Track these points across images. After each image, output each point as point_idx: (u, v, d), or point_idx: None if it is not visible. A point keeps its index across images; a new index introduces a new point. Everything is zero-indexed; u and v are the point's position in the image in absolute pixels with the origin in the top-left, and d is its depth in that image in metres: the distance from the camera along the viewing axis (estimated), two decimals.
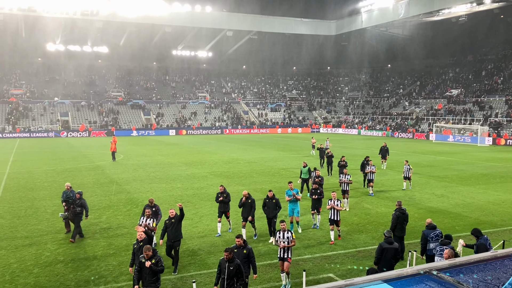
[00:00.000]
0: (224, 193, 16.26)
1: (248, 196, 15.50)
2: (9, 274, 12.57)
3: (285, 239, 11.62)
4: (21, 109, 76.29)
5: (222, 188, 16.53)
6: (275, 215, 15.33)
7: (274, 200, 15.29)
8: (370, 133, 78.55)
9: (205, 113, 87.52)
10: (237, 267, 9.52)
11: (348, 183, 20.43)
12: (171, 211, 13.05)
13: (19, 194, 23.55)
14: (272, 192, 15.44)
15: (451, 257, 9.37)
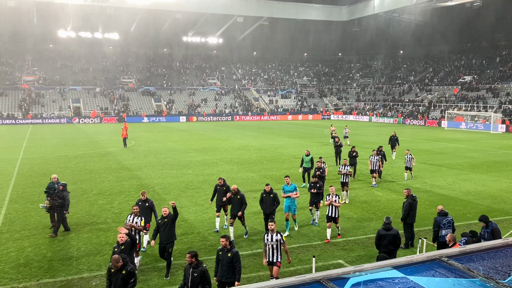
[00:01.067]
0: (224, 186, 15.17)
1: (237, 192, 14.28)
2: (24, 257, 12.81)
3: (274, 242, 10.41)
4: (33, 95, 76.90)
5: (222, 180, 15.39)
6: (273, 211, 14.14)
7: (272, 194, 14.15)
8: (381, 120, 78.01)
9: (216, 100, 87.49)
10: (201, 273, 8.61)
11: (348, 175, 19.33)
12: (164, 210, 11.88)
13: (32, 180, 23.87)
14: (270, 186, 14.31)
15: (451, 242, 9.51)
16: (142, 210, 12.97)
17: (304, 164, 22.19)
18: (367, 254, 13.05)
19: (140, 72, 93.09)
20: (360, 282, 4.23)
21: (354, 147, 25.25)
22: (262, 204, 14.36)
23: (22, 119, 70.00)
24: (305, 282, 4.17)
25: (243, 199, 14.24)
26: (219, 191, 15.14)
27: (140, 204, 13.14)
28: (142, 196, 13.64)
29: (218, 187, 15.30)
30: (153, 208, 13.52)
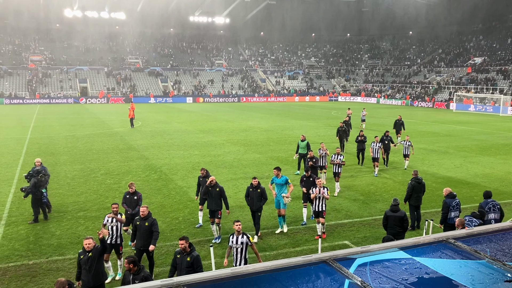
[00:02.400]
0: (207, 178, 13.64)
1: (215, 184, 12.80)
2: (33, 235, 13.00)
3: (239, 245, 9.43)
4: (40, 75, 76.99)
5: (204, 171, 14.04)
6: (260, 207, 12.83)
7: (259, 189, 12.75)
8: (389, 102, 77.44)
9: (223, 81, 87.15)
10: (144, 280, 7.85)
11: (341, 165, 17.86)
12: (142, 210, 10.40)
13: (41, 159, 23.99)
14: (257, 180, 12.92)
15: (460, 226, 9.52)
16: (130, 204, 12.23)
17: (300, 150, 20.58)
18: (373, 235, 13.10)
19: (146, 52, 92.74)
20: (367, 262, 4.25)
21: (361, 131, 23.81)
22: (247, 199, 12.94)
23: (30, 99, 70.23)
24: (312, 262, 4.19)
25: (223, 192, 12.72)
26: (202, 183, 13.69)
27: (128, 198, 12.25)
28: (130, 189, 12.40)
29: (200, 178, 13.98)
30: (139, 202, 12.35)
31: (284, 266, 4.09)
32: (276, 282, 3.84)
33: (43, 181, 14.23)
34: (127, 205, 12.29)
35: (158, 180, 19.56)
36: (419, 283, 3.89)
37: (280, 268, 4.06)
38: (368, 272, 4.08)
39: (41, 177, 14.21)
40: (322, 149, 18.72)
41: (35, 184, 13.99)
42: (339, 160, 17.81)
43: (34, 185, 13.97)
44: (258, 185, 12.82)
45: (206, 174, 13.87)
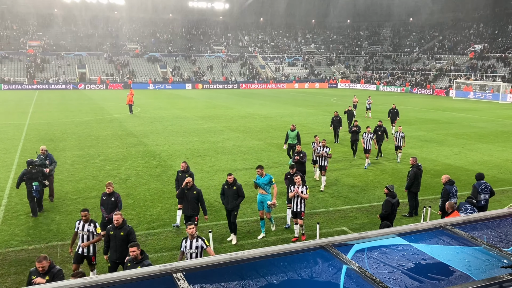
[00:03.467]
0: (187, 173, 12.70)
1: (193, 186, 11.44)
2: (33, 221, 13.05)
3: (193, 250, 8.66)
4: (39, 61, 76.55)
5: (185, 165, 12.96)
6: (236, 206, 11.72)
7: (235, 187, 11.66)
8: (389, 89, 77.26)
9: (222, 67, 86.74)
10: None
11: (327, 158, 16.68)
12: (116, 218, 8.99)
13: (40, 145, 23.87)
14: (233, 177, 11.75)
15: (450, 209, 9.69)
16: (107, 206, 10.86)
17: (289, 140, 19.58)
18: (371, 221, 13.18)
19: (145, 38, 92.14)
20: (364, 248, 4.27)
21: (356, 121, 22.74)
22: (222, 197, 11.94)
23: (28, 85, 69.93)
24: (310, 248, 4.22)
25: (201, 196, 11.43)
26: (181, 179, 12.38)
27: (104, 199, 10.89)
28: (107, 189, 10.94)
29: (179, 173, 12.83)
30: (119, 204, 10.95)
31: (282, 252, 4.11)
32: (274, 268, 3.86)
33: (33, 173, 13.28)
34: (104, 208, 10.91)
35: (157, 167, 19.60)
36: (416, 268, 3.92)
37: (278, 254, 4.09)
38: (366, 258, 4.10)
39: (31, 169, 13.31)
40: (316, 142, 17.46)
41: (21, 176, 13.33)
42: (325, 152, 16.61)
43: (20, 177, 13.35)
44: (234, 182, 11.69)
45: (186, 169, 12.79)
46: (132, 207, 14.30)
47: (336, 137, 25.69)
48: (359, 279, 3.69)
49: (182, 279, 3.53)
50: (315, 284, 3.66)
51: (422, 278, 3.76)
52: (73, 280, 3.47)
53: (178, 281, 3.50)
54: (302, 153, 15.71)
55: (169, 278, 3.57)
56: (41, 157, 14.40)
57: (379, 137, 21.14)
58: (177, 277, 3.55)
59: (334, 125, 25.62)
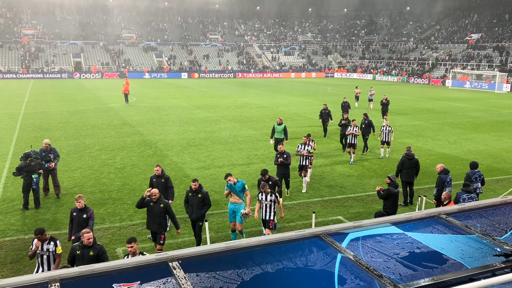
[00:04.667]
0: (162, 178, 11.50)
1: (159, 199, 9.91)
2: (29, 210, 13.04)
3: None
4: (33, 49, 75.92)
5: (159, 169, 11.60)
6: (201, 216, 10.48)
7: (200, 194, 10.46)
8: (385, 78, 77.21)
9: (218, 56, 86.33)
10: None
11: (308, 157, 15.11)
12: (87, 236, 7.82)
13: (35, 134, 23.97)
14: (198, 183, 10.52)
15: (447, 200, 9.76)
16: (77, 225, 9.36)
17: (276, 135, 18.53)
18: (366, 211, 13.25)
19: (141, 27, 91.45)
20: (359, 237, 4.30)
21: (345, 113, 21.50)
22: (186, 206, 10.69)
23: (23, 74, 69.42)
24: (305, 236, 4.24)
25: (169, 209, 9.98)
26: (157, 185, 11.28)
27: (75, 215, 9.50)
28: (77, 203, 9.51)
29: (154, 179, 11.55)
30: (90, 222, 9.53)
31: (277, 241, 4.14)
32: (269, 256, 3.89)
33: (32, 165, 13.15)
34: (73, 226, 9.45)
35: (153, 156, 19.59)
36: (410, 257, 3.96)
37: (274, 242, 4.11)
38: (360, 246, 4.13)
39: (30, 161, 13.16)
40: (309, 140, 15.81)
41: (21, 168, 13.13)
42: (306, 151, 15.05)
43: (20, 169, 13.13)
44: (198, 189, 10.46)
45: (161, 174, 11.54)
46: (128, 196, 14.31)
47: (325, 132, 24.29)
48: (354, 267, 3.73)
49: (178, 267, 3.55)
50: (310, 273, 3.69)
51: (416, 267, 3.79)
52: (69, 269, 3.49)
53: (174, 270, 3.52)
54: (286, 154, 13.98)
55: (165, 267, 3.59)
56: (36, 152, 13.93)
57: (364, 130, 20.17)
58: (173, 266, 3.57)
59: (323, 118, 24.05)
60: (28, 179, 13.09)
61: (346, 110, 27.06)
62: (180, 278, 3.41)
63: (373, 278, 3.54)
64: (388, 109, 28.44)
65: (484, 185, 12.73)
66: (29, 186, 13.14)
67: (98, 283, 3.37)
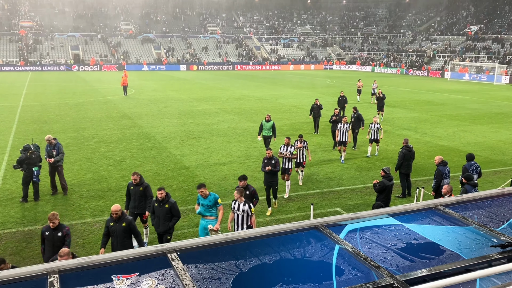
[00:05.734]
0: (141, 186, 10.34)
1: (122, 217, 8.54)
2: (28, 203, 13.06)
3: None
4: (31, 41, 75.55)
5: (137, 177, 10.41)
6: (169, 228, 9.54)
7: (168, 204, 9.41)
8: (384, 71, 77.07)
9: (217, 48, 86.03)
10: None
11: (291, 159, 13.96)
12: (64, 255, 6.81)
13: (34, 127, 23.94)
14: (164, 192, 9.43)
15: (449, 193, 9.78)
16: (51, 245, 8.25)
17: (264, 132, 17.71)
18: (364, 202, 13.29)
19: (139, 18, 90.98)
20: (357, 228, 4.32)
21: (336, 109, 20.53)
22: (152, 217, 9.68)
23: (21, 66, 69.15)
24: (303, 228, 4.26)
25: (134, 230, 8.64)
26: (134, 194, 10.34)
27: (47, 235, 8.26)
28: (51, 223, 8.22)
29: (131, 187, 10.42)
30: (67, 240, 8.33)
31: (275, 232, 4.15)
32: (267, 248, 3.91)
33: (33, 158, 13.11)
34: (46, 248, 8.37)
35: (152, 148, 19.59)
36: (407, 248, 3.98)
37: (272, 234, 4.13)
38: (358, 238, 4.16)
39: (31, 154, 13.14)
40: (299, 141, 14.77)
41: (21, 161, 13.05)
42: (289, 153, 13.79)
43: (20, 162, 13.07)
44: (165, 199, 9.42)
45: (140, 182, 10.38)
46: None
47: (316, 127, 23.25)
48: (351, 258, 3.75)
49: (176, 259, 3.57)
50: (308, 264, 3.71)
51: (413, 258, 3.82)
52: (68, 260, 3.50)
53: (172, 261, 3.54)
54: (274, 160, 12.49)
55: (164, 259, 3.61)
56: (36, 145, 13.81)
57: (354, 125, 19.68)
58: (172, 257, 3.59)
59: (314, 113, 22.96)
60: (28, 172, 13.09)
61: (342, 105, 26.48)
62: (179, 269, 3.43)
63: (370, 269, 3.56)
64: (384, 104, 27.15)
65: (481, 177, 12.80)
66: (29, 179, 13.14)
67: (97, 275, 3.38)
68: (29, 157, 13.14)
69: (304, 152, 14.66)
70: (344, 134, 17.67)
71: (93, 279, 3.32)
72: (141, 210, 10.32)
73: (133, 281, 3.30)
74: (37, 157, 13.39)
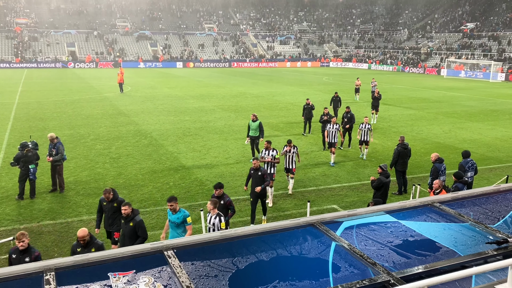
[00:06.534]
0: (114, 202, 9.36)
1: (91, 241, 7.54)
2: (24, 200, 13.02)
3: None
4: (26, 38, 75.14)
5: (109, 194, 9.32)
6: None
7: (132, 222, 8.26)
8: (380, 68, 77.12)
9: (214, 45, 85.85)
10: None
11: (274, 164, 12.96)
12: None
13: (29, 124, 23.84)
14: (129, 208, 8.28)
15: (440, 187, 9.86)
16: None
17: (251, 133, 16.98)
18: (361, 199, 13.32)
19: (135, 15, 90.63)
20: (353, 225, 4.34)
21: (326, 108, 19.81)
22: (120, 238, 8.83)
23: (16, 63, 68.79)
24: (299, 225, 4.27)
25: None
26: (107, 210, 9.43)
27: (15, 258, 7.31)
28: (19, 243, 7.26)
29: (103, 202, 9.45)
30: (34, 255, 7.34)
31: (272, 229, 4.16)
32: (264, 245, 3.91)
33: (29, 156, 13.03)
34: None
35: (148, 146, 19.55)
36: (403, 245, 3.99)
37: (268, 231, 4.14)
38: (355, 235, 4.17)
39: (27, 152, 13.02)
40: (288, 147, 13.67)
41: (18, 158, 12.98)
42: (271, 157, 12.87)
43: (17, 159, 12.99)
44: (130, 216, 8.32)
45: (114, 197, 9.42)
46: (123, 186, 14.30)
47: (308, 128, 22.29)
48: (348, 255, 3.76)
49: (173, 256, 3.57)
50: (305, 261, 3.72)
51: (409, 254, 3.83)
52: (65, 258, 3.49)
53: (169, 259, 3.54)
54: (261, 172, 11.30)
55: (160, 256, 3.61)
56: (34, 142, 13.73)
57: (346, 124, 19.17)
58: (168, 255, 3.59)
59: (306, 114, 22.05)
60: (25, 169, 13.04)
61: (336, 105, 25.70)
62: (175, 266, 3.43)
63: (366, 266, 3.57)
64: (379, 104, 25.96)
65: (477, 174, 12.85)
66: (25, 176, 13.09)
67: (93, 272, 3.38)
68: (25, 155, 13.08)
69: (294, 158, 13.68)
70: (333, 135, 17.01)
71: (89, 277, 3.32)
72: (118, 228, 9.21)
73: (130, 278, 3.30)
74: (34, 154, 13.31)
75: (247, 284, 3.37)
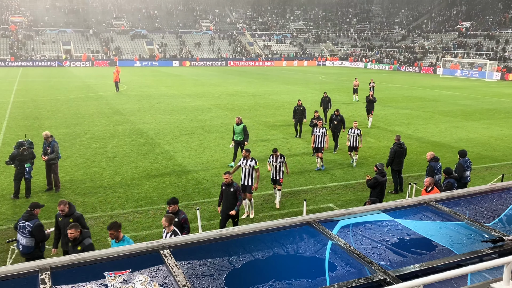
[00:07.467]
0: (70, 217, 8.47)
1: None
2: (19, 199, 12.96)
3: None
4: (20, 37, 74.75)
5: (64, 207, 8.45)
6: None
7: (80, 246, 7.31)
8: (377, 67, 77.24)
9: (210, 44, 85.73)
10: None
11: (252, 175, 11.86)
12: None
13: (25, 123, 23.74)
14: (76, 231, 7.30)
15: (431, 185, 9.92)
16: None
17: (235, 136, 16.26)
18: (357, 198, 13.34)
19: (131, 14, 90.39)
20: (349, 224, 4.34)
21: (316, 111, 18.53)
22: None
23: (12, 62, 68.45)
24: (296, 224, 4.27)
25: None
26: (63, 226, 8.42)
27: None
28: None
29: (59, 218, 8.60)
30: None
31: (268, 228, 4.16)
32: (260, 243, 3.91)
33: (25, 155, 12.97)
34: None
35: (144, 145, 19.51)
36: (399, 244, 4.00)
37: (265, 230, 4.13)
38: (351, 233, 4.17)
39: (23, 150, 12.97)
40: (274, 156, 12.73)
41: (13, 157, 12.93)
42: (249, 166, 11.84)
43: (12, 158, 12.94)
44: (79, 239, 7.39)
45: (69, 212, 8.54)
46: (119, 185, 14.27)
47: (300, 131, 21.50)
48: (344, 254, 3.76)
49: (169, 255, 3.57)
50: (301, 259, 3.72)
51: (405, 253, 3.84)
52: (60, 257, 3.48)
53: (165, 258, 3.53)
54: (234, 188, 10.18)
55: (156, 255, 3.60)
56: (30, 141, 13.72)
57: (336, 127, 18.48)
58: (164, 254, 3.58)
59: (297, 116, 21.22)
60: (20, 168, 12.98)
61: (326, 106, 24.85)
62: (172, 265, 3.42)
63: (363, 265, 3.58)
64: (373, 107, 24.52)
65: (472, 173, 12.95)
66: (21, 175, 13.04)
67: (89, 271, 3.37)
68: (21, 154, 13.02)
69: (281, 168, 12.66)
70: (320, 139, 16.09)
71: (85, 276, 3.30)
72: None
73: (126, 277, 3.29)
74: (30, 153, 13.25)
75: (243, 283, 3.37)
